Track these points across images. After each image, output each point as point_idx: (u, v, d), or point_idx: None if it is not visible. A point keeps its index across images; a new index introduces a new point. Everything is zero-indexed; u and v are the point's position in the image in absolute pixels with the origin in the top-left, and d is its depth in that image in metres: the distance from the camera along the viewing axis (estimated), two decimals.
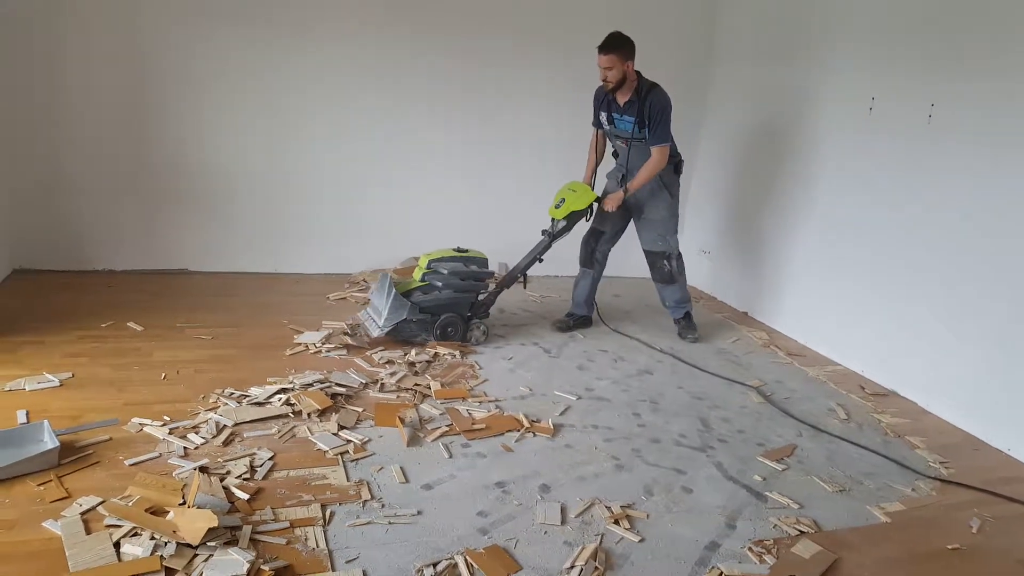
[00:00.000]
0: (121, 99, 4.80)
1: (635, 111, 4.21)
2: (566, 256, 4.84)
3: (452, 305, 4.23)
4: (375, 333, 4.06)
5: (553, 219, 4.41)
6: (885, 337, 4.19)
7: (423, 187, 5.56)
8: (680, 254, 4.60)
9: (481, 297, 4.40)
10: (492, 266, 4.39)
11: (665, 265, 4.55)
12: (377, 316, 4.10)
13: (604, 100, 4.37)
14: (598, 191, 4.54)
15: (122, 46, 4.70)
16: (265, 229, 5.31)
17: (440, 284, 4.18)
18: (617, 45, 4.06)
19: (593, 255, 4.68)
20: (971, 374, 3.67)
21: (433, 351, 4.11)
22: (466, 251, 4.26)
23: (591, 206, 4.41)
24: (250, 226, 5.27)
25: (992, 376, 3.56)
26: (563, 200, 4.36)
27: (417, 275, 4.22)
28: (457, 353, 4.13)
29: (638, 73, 4.20)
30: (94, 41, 4.64)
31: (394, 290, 4.06)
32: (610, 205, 4.36)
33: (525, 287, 4.62)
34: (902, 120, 4.05)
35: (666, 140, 4.22)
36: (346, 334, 4.22)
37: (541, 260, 4.44)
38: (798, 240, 4.88)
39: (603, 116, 4.43)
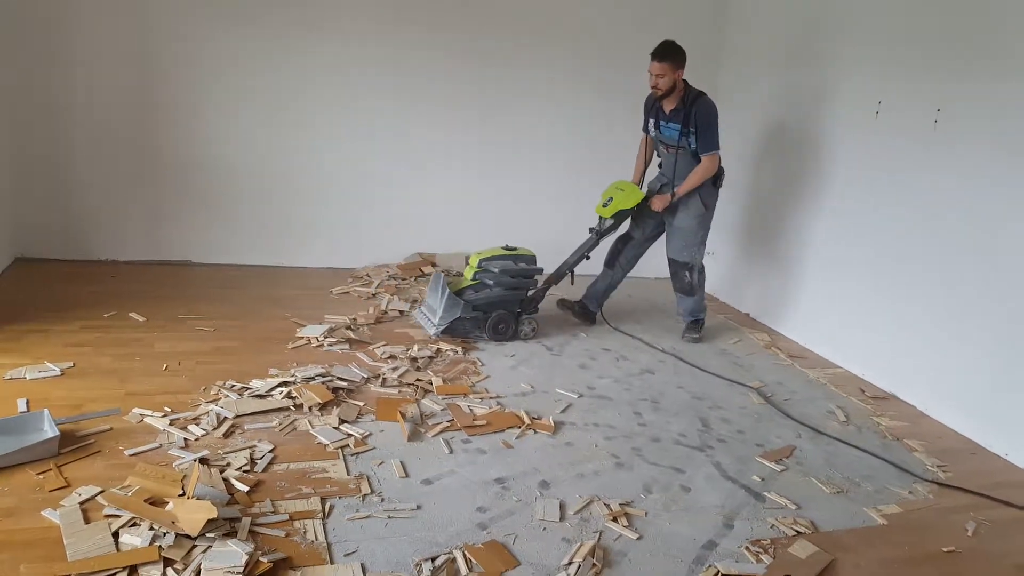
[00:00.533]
0: (129, 91, 4.80)
1: (680, 119, 4.26)
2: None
3: (503, 302, 4.32)
4: (431, 331, 4.20)
5: (601, 217, 4.48)
6: (886, 340, 4.19)
7: (426, 184, 5.56)
8: (703, 268, 4.61)
9: (530, 293, 4.47)
10: None
11: (686, 276, 4.55)
12: (432, 315, 4.24)
13: (653, 107, 4.42)
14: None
15: (130, 39, 4.71)
16: (269, 223, 5.32)
17: (491, 282, 4.27)
18: (671, 54, 4.12)
19: (617, 258, 4.72)
20: (971, 379, 3.67)
21: (435, 347, 4.12)
22: (514, 249, 4.35)
23: (638, 207, 4.47)
24: (254, 219, 5.27)
25: (992, 381, 3.57)
26: (611, 199, 4.43)
27: (468, 274, 4.32)
28: (459, 349, 4.14)
29: (685, 82, 4.26)
30: (103, 34, 4.65)
31: (448, 290, 4.16)
32: (658, 205, 4.40)
33: (572, 283, 4.68)
34: (908, 123, 4.05)
35: (715, 147, 4.26)
36: (349, 328, 4.23)
37: (588, 257, 4.53)
38: (802, 243, 4.88)
39: (651, 123, 4.47)
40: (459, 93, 5.43)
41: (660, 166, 4.65)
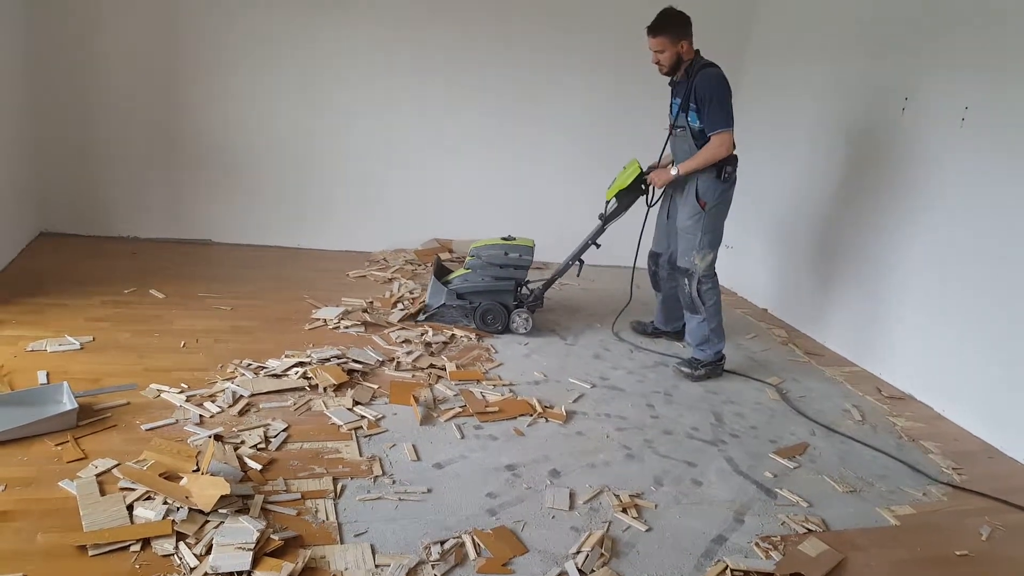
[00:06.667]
0: (155, 69, 4.84)
1: (682, 93, 3.80)
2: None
3: (492, 293, 4.24)
4: (420, 318, 4.27)
5: (606, 201, 4.25)
6: (903, 340, 4.16)
7: (446, 170, 5.57)
8: (708, 279, 3.94)
9: (531, 286, 4.40)
10: None
11: (685, 285, 3.96)
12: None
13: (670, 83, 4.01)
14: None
15: (159, 17, 4.74)
16: (290, 204, 5.35)
17: (478, 271, 4.21)
18: (666, 26, 3.69)
19: (656, 279, 4.39)
20: (990, 381, 3.63)
21: (450, 333, 4.13)
22: (512, 239, 4.27)
23: (643, 184, 4.07)
24: (275, 200, 5.31)
25: (1010, 385, 3.52)
26: (615, 180, 4.22)
27: (467, 263, 4.28)
28: (473, 336, 4.14)
29: (697, 51, 3.80)
30: (132, 10, 4.67)
31: (432, 277, 4.23)
32: (656, 179, 3.96)
33: (579, 274, 4.52)
34: (935, 123, 3.99)
35: (721, 126, 3.66)
36: (365, 311, 4.25)
37: (598, 245, 4.27)
38: (822, 240, 4.84)
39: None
40: (482, 79, 5.43)
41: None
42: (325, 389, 3.25)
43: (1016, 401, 3.50)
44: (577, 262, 4.35)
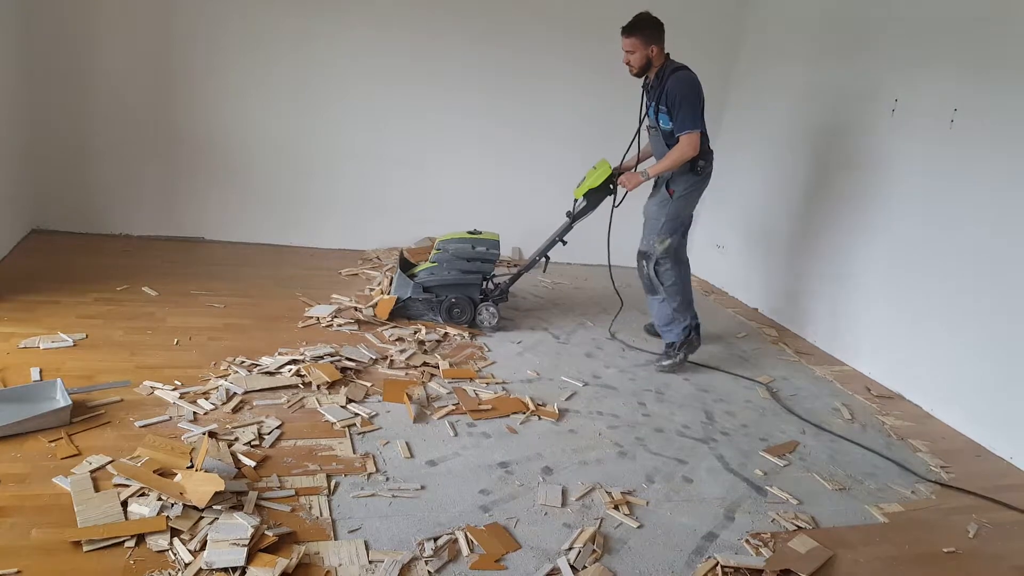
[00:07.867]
0: (150, 65, 4.82)
1: (655, 96, 3.89)
2: (587, 243, 4.84)
3: (458, 286, 4.24)
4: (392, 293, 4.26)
5: (575, 199, 4.29)
6: (894, 341, 4.19)
7: (439, 169, 5.57)
8: (665, 260, 4.03)
9: (497, 280, 4.40)
10: (506, 250, 4.31)
11: (644, 267, 4.08)
12: None
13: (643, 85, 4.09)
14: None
15: (154, 13, 4.72)
16: (283, 202, 5.34)
17: (445, 265, 4.21)
18: (638, 27, 3.78)
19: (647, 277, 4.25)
20: (978, 381, 3.67)
21: (443, 331, 4.14)
22: (479, 233, 4.26)
23: (612, 185, 4.18)
24: (267, 198, 5.30)
25: (998, 384, 3.56)
26: (584, 179, 4.25)
27: (432, 256, 4.26)
28: (466, 334, 4.16)
29: (667, 55, 3.88)
30: (125, 10, 4.66)
31: (398, 270, 4.22)
32: (626, 182, 3.98)
33: (544, 271, 4.51)
34: (924, 124, 4.03)
35: (690, 127, 3.75)
36: (357, 309, 4.25)
37: (564, 243, 4.33)
38: (813, 239, 4.87)
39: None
40: (475, 77, 5.43)
41: None
42: (319, 387, 3.26)
43: (1004, 400, 3.53)
44: (544, 258, 4.38)
